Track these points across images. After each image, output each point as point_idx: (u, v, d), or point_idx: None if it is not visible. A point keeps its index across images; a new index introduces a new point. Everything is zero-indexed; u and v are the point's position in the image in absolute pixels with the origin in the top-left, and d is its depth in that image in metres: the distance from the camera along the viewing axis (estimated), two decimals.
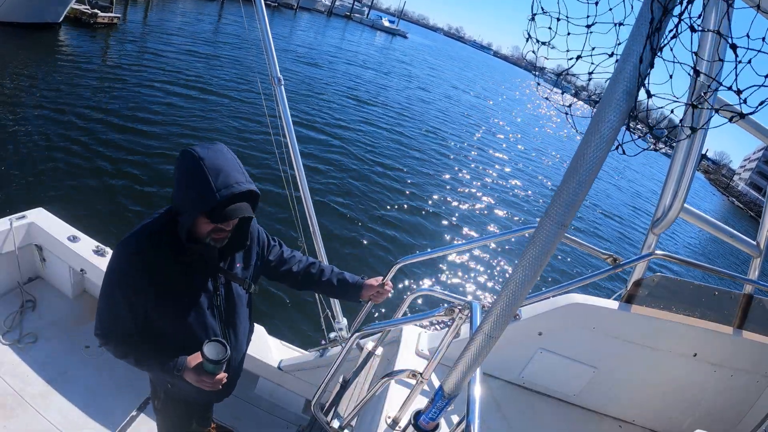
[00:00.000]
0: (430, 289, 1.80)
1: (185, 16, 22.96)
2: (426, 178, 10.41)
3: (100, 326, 1.32)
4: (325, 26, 42.20)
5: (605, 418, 2.00)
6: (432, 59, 46.54)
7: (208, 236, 1.25)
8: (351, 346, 1.51)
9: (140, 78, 10.88)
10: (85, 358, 2.52)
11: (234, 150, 1.30)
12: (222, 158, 1.21)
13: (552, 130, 29.90)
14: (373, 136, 12.09)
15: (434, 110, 19.17)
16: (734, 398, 1.94)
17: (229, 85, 12.33)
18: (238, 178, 1.21)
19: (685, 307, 1.86)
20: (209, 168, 1.17)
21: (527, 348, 1.91)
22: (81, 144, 7.04)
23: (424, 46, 66.45)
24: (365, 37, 46.25)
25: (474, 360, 0.92)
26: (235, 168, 1.22)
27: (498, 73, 73.40)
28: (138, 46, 14.20)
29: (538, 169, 16.21)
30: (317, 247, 2.40)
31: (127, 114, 8.56)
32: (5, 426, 2.05)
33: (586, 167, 0.69)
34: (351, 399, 1.64)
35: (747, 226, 30.88)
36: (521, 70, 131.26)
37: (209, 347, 1.24)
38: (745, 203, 48.66)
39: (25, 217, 2.68)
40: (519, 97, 45.33)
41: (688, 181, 1.69)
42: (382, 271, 1.82)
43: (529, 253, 0.77)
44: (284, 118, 2.29)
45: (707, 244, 17.02)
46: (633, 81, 0.63)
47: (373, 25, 62.31)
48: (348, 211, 7.57)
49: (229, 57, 15.93)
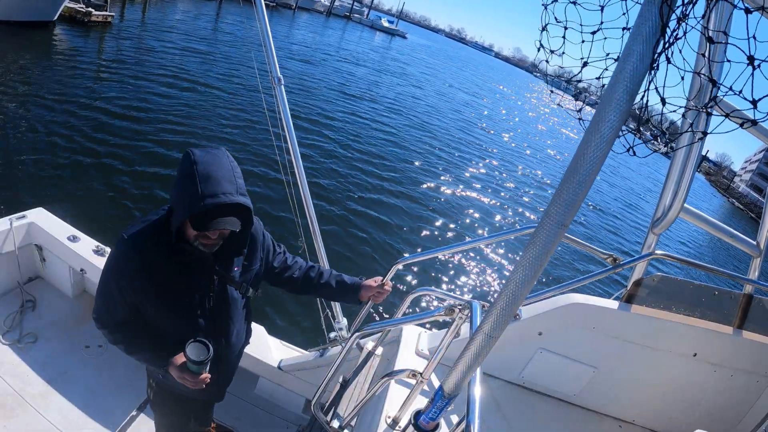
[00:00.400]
0: (430, 288, 1.80)
1: (183, 15, 22.92)
2: (427, 178, 10.41)
3: (96, 310, 1.35)
4: (324, 26, 42.06)
5: (605, 418, 2.00)
6: (431, 59, 46.55)
7: (196, 240, 1.24)
8: (351, 346, 1.51)
9: (136, 76, 10.88)
10: (85, 358, 2.52)
11: (233, 151, 1.29)
12: (216, 165, 1.18)
13: (553, 129, 29.90)
14: (371, 136, 12.09)
15: (429, 109, 19.16)
16: (734, 398, 1.94)
17: (229, 87, 12.33)
18: (227, 188, 1.17)
19: (685, 307, 1.86)
20: (200, 174, 1.15)
21: (527, 348, 1.91)
22: (81, 144, 7.04)
23: (422, 46, 66.53)
24: (364, 37, 46.16)
25: (474, 360, 0.92)
26: (228, 177, 1.18)
27: (497, 74, 73.35)
28: (134, 44, 14.23)
29: (538, 169, 16.20)
30: (317, 246, 2.39)
31: (126, 113, 8.56)
32: (5, 426, 2.05)
33: (587, 167, 0.69)
34: (351, 399, 1.64)
35: (746, 226, 30.91)
36: (522, 71, 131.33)
37: (192, 348, 1.26)
38: (746, 204, 48.80)
39: (25, 217, 2.68)
40: (520, 98, 45.31)
41: (688, 181, 1.70)
42: (382, 271, 1.82)
43: (529, 253, 0.77)
44: (284, 118, 2.29)
45: (707, 243, 17.02)
46: (633, 81, 0.63)
47: (372, 26, 62.48)
48: (348, 210, 7.57)
49: (227, 55, 15.95)
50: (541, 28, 0.83)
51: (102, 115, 8.21)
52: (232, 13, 27.42)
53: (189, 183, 1.15)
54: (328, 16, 56.92)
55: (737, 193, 55.72)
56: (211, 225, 1.17)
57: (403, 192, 9.15)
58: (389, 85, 21.06)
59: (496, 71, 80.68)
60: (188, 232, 1.23)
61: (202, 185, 1.14)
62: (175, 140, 8.05)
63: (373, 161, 10.23)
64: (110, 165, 6.68)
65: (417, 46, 60.47)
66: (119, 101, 9.09)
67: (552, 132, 28.96)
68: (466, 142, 15.59)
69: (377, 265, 6.29)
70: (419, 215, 8.42)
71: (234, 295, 1.43)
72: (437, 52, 63.90)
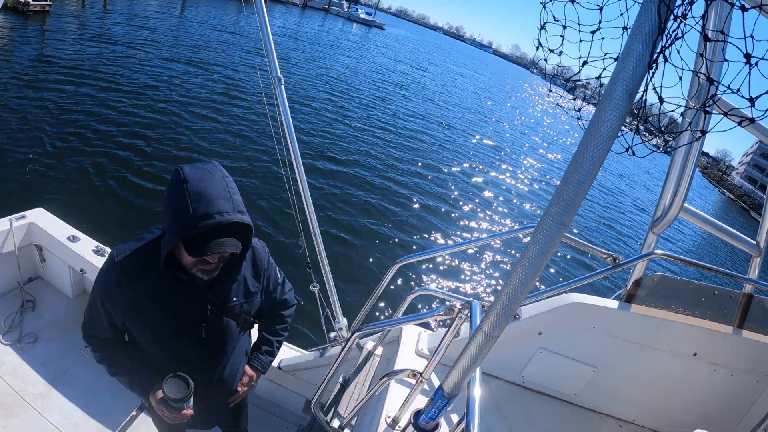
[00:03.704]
0: (430, 288, 1.80)
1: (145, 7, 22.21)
2: (427, 178, 10.40)
3: (83, 325, 1.29)
4: (300, 18, 40.28)
5: (605, 418, 2.00)
6: (403, 46, 46.00)
7: (194, 267, 1.13)
8: (351, 345, 1.50)
9: (136, 76, 10.89)
10: (85, 358, 2.52)
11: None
12: (208, 181, 1.04)
13: (553, 130, 29.90)
14: (369, 135, 12.09)
15: (427, 108, 19.16)
16: (734, 398, 1.94)
17: (227, 81, 12.33)
18: (223, 206, 1.04)
19: (685, 306, 1.86)
20: (191, 192, 1.02)
21: (527, 348, 1.91)
22: (81, 143, 7.04)
23: (402, 36, 66.96)
24: (340, 28, 45.05)
25: (474, 360, 0.92)
26: (222, 194, 1.05)
27: (498, 73, 73.37)
28: (75, 34, 13.84)
29: (539, 168, 16.20)
30: (317, 246, 2.39)
31: (126, 113, 8.56)
32: (5, 426, 2.05)
33: (586, 167, 0.69)
34: (351, 399, 1.64)
35: (738, 217, 30.84)
36: (520, 68, 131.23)
37: (169, 385, 1.16)
38: (739, 196, 49.67)
39: (25, 217, 2.68)
40: (521, 100, 45.30)
41: (688, 181, 1.69)
42: (382, 271, 1.82)
43: (529, 252, 0.77)
44: (284, 118, 2.29)
45: (706, 242, 17.02)
46: (633, 80, 0.63)
47: (349, 17, 62.77)
48: (348, 210, 7.56)
49: (220, 51, 15.94)
50: (539, 26, 0.83)
51: (101, 115, 8.21)
52: (194, 5, 25.98)
53: (179, 204, 1.02)
54: (304, 8, 55.82)
55: (730, 184, 56.69)
56: (209, 249, 1.04)
57: (403, 192, 9.15)
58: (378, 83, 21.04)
59: (498, 69, 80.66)
60: (184, 259, 1.12)
61: (194, 205, 1.01)
62: (173, 138, 8.06)
63: (374, 161, 10.23)
64: (110, 165, 6.68)
65: (397, 37, 60.99)
66: (119, 102, 9.10)
67: (552, 132, 28.96)
68: (467, 142, 15.59)
69: (377, 265, 6.29)
70: (419, 215, 8.42)
71: (230, 326, 1.31)
72: (413, 41, 64.57)
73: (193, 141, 8.17)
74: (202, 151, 7.86)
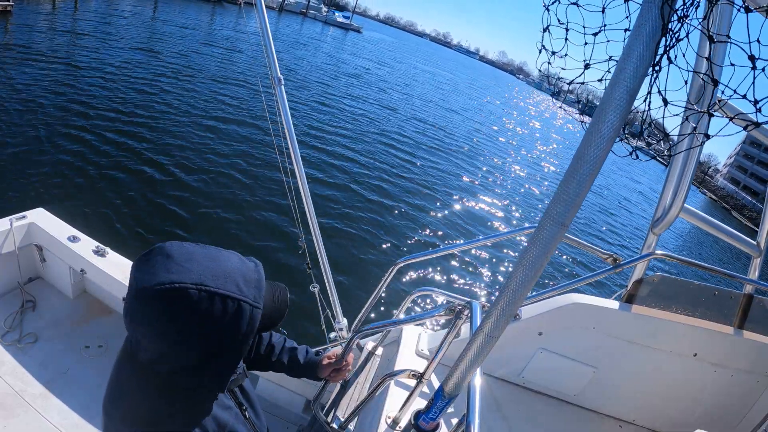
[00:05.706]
0: (430, 288, 1.80)
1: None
2: (427, 178, 10.41)
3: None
4: (276, 23, 37.87)
5: (605, 418, 2.00)
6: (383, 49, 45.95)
7: None
8: (351, 346, 1.51)
9: (133, 75, 10.89)
10: (85, 359, 2.52)
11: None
12: (221, 260, 0.83)
13: (554, 130, 29.90)
14: (368, 135, 12.09)
15: (428, 108, 19.17)
16: (734, 398, 1.94)
17: (227, 82, 12.34)
18: (249, 273, 0.86)
19: (686, 306, 1.86)
20: (218, 286, 0.79)
21: (527, 348, 1.91)
22: (81, 143, 7.05)
23: (378, 39, 67.56)
24: (317, 32, 44.43)
25: (474, 360, 0.92)
26: (238, 270, 0.84)
27: (486, 78, 73.36)
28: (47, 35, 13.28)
29: (539, 168, 16.20)
30: (317, 246, 2.39)
31: (125, 112, 8.57)
32: (5, 426, 2.04)
33: (587, 167, 0.69)
34: (351, 399, 1.64)
35: (718, 216, 31.19)
36: (505, 73, 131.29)
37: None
38: (721, 197, 51.64)
39: (25, 217, 2.68)
40: (521, 103, 45.32)
41: (688, 181, 1.70)
42: (382, 271, 1.82)
43: (529, 253, 0.77)
44: (284, 118, 2.29)
45: (705, 242, 17.02)
46: (634, 81, 0.63)
47: (326, 21, 62.57)
48: (348, 210, 7.56)
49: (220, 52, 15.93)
50: (542, 29, 0.83)
51: (103, 116, 8.22)
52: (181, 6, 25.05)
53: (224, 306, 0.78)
54: (281, 12, 54.38)
55: (712, 185, 58.85)
56: (281, 309, 0.95)
57: (403, 192, 9.15)
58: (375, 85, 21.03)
59: (470, 69, 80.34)
60: None
61: (237, 291, 0.80)
62: (172, 135, 8.06)
63: (373, 161, 10.24)
64: (110, 165, 6.68)
65: (374, 40, 61.61)
66: (120, 100, 9.10)
67: (550, 132, 28.96)
68: (466, 143, 15.59)
69: (377, 265, 6.29)
70: (419, 215, 8.42)
71: (249, 387, 1.22)
72: (391, 44, 65.15)
73: (193, 141, 8.18)
74: (202, 151, 7.87)
